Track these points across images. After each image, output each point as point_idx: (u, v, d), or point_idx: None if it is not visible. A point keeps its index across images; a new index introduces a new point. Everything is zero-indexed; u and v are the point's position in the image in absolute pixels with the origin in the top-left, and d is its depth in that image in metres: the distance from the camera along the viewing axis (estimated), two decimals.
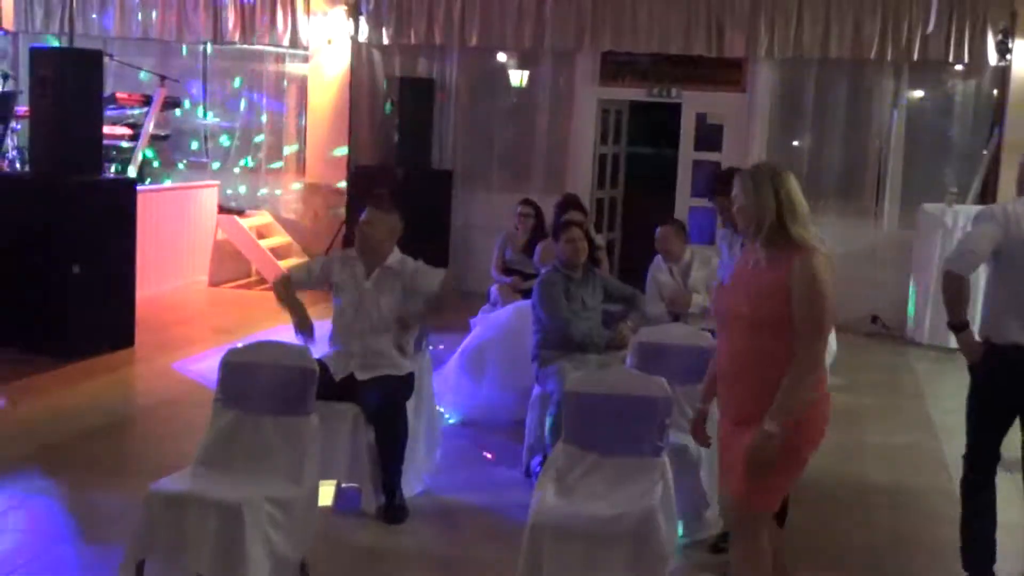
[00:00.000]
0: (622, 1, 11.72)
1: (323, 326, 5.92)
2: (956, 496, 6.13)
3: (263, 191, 13.10)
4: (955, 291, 4.72)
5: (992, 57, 11.09)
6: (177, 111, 12.78)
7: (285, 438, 4.60)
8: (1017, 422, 4.96)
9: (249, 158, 13.13)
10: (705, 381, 4.27)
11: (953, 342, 6.30)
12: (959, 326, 4.79)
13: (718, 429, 4.11)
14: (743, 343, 3.86)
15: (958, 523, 5.28)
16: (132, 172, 11.07)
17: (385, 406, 5.52)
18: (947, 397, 8.74)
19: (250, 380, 4.72)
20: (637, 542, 4.14)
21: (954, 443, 6.63)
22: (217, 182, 12.60)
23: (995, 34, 11.00)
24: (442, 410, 6.98)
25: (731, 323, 3.94)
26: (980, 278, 4.98)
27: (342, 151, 12.61)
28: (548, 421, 5.92)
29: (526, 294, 7.97)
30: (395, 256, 5.84)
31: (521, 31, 12.03)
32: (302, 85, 12.92)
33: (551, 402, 5.93)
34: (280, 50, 12.88)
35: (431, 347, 6.78)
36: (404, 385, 5.69)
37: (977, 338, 4.86)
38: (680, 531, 4.91)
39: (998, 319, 4.77)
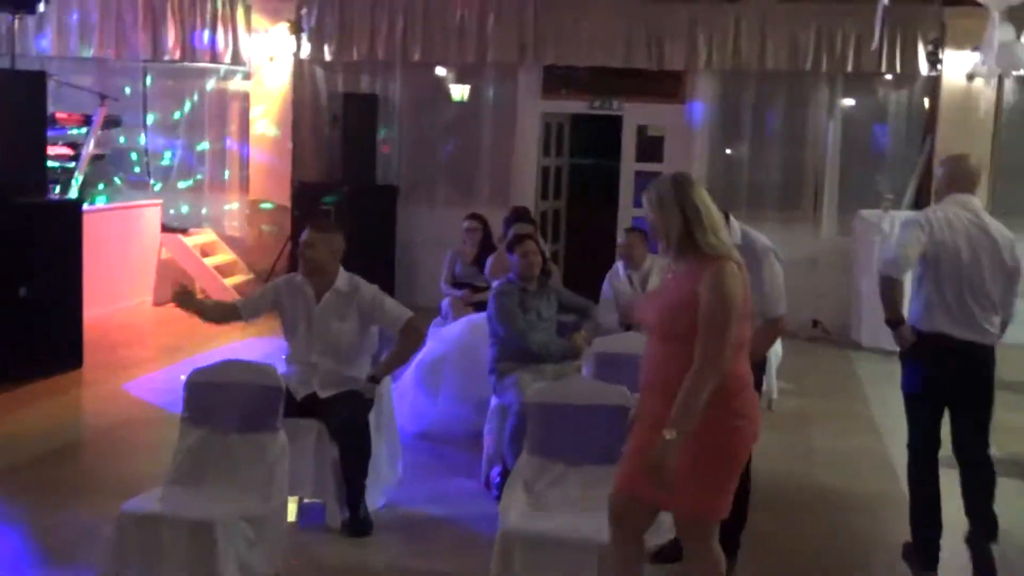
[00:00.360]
0: (564, 16, 11.88)
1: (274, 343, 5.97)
2: (905, 496, 6.35)
3: (206, 209, 13.05)
4: (891, 292, 5.11)
5: (923, 68, 11.40)
6: (119, 133, 12.69)
7: (253, 455, 4.65)
8: (947, 416, 5.31)
9: (191, 176, 13.07)
10: None
11: (893, 345, 6.95)
12: (896, 322, 5.17)
13: (630, 435, 4.12)
14: (659, 352, 3.93)
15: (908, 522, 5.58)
16: (75, 193, 10.99)
17: (349, 423, 5.56)
18: (890, 400, 8.94)
19: (217, 399, 4.77)
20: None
21: (899, 445, 6.82)
22: (160, 201, 12.52)
23: (925, 45, 11.32)
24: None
25: (650, 333, 4.02)
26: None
27: (285, 167, 12.61)
28: (507, 432, 6.01)
29: (477, 307, 8.06)
30: (343, 278, 5.81)
31: (464, 46, 12.12)
32: (244, 102, 12.90)
33: (510, 413, 6.02)
34: (222, 67, 12.84)
35: None
36: (366, 400, 5.73)
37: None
38: None
39: (926, 312, 5.16)
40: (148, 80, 13.07)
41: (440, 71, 12.76)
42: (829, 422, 8.10)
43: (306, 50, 12.51)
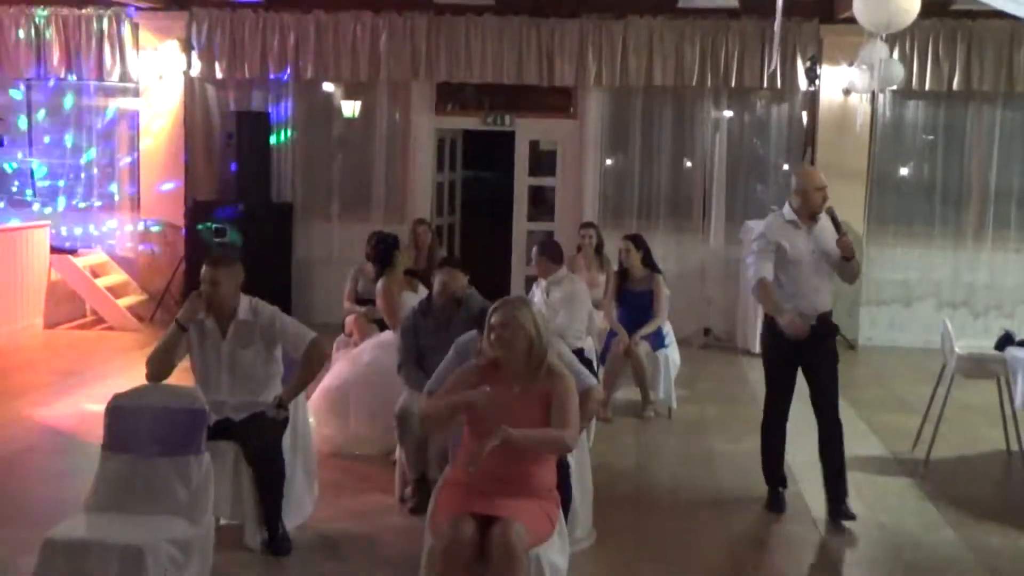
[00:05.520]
0: (456, 33, 12.03)
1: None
2: (804, 497, 6.68)
3: (97, 229, 12.85)
4: (765, 291, 6.12)
5: (802, 83, 11.86)
6: (2, 152, 12.42)
7: (179, 478, 4.68)
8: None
9: (80, 196, 12.86)
10: None
11: None
12: (777, 311, 6.05)
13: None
14: (513, 452, 4.41)
15: (808, 521, 6.22)
16: None
17: (263, 447, 5.59)
18: None
19: (138, 423, 4.77)
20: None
21: (792, 446, 7.13)
22: (47, 222, 12.28)
23: (804, 61, 11.78)
24: None
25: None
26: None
27: (178, 186, 12.50)
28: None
29: (381, 323, 8.13)
30: (244, 306, 5.78)
31: (356, 64, 12.18)
32: (133, 120, 12.73)
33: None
34: (109, 84, 12.66)
35: None
36: (279, 423, 5.77)
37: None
38: None
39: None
40: (32, 96, 12.81)
41: (328, 87, 12.77)
42: (726, 426, 8.38)
43: (196, 68, 12.42)
